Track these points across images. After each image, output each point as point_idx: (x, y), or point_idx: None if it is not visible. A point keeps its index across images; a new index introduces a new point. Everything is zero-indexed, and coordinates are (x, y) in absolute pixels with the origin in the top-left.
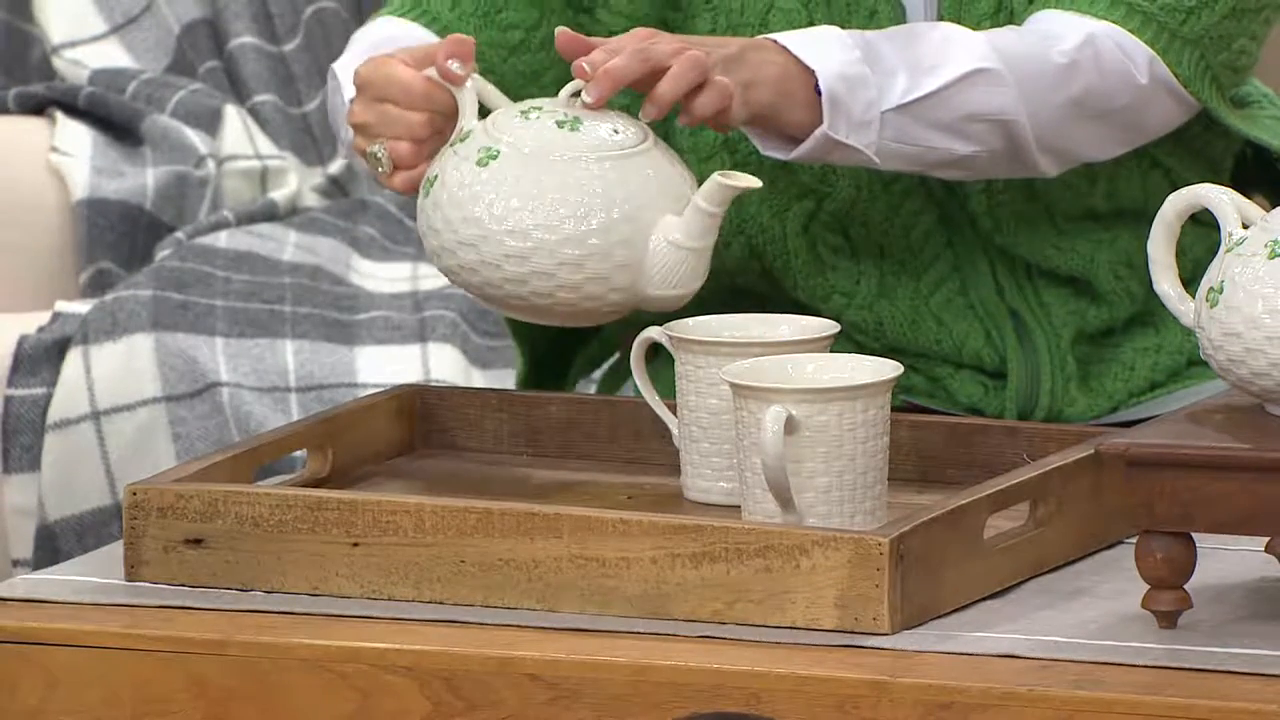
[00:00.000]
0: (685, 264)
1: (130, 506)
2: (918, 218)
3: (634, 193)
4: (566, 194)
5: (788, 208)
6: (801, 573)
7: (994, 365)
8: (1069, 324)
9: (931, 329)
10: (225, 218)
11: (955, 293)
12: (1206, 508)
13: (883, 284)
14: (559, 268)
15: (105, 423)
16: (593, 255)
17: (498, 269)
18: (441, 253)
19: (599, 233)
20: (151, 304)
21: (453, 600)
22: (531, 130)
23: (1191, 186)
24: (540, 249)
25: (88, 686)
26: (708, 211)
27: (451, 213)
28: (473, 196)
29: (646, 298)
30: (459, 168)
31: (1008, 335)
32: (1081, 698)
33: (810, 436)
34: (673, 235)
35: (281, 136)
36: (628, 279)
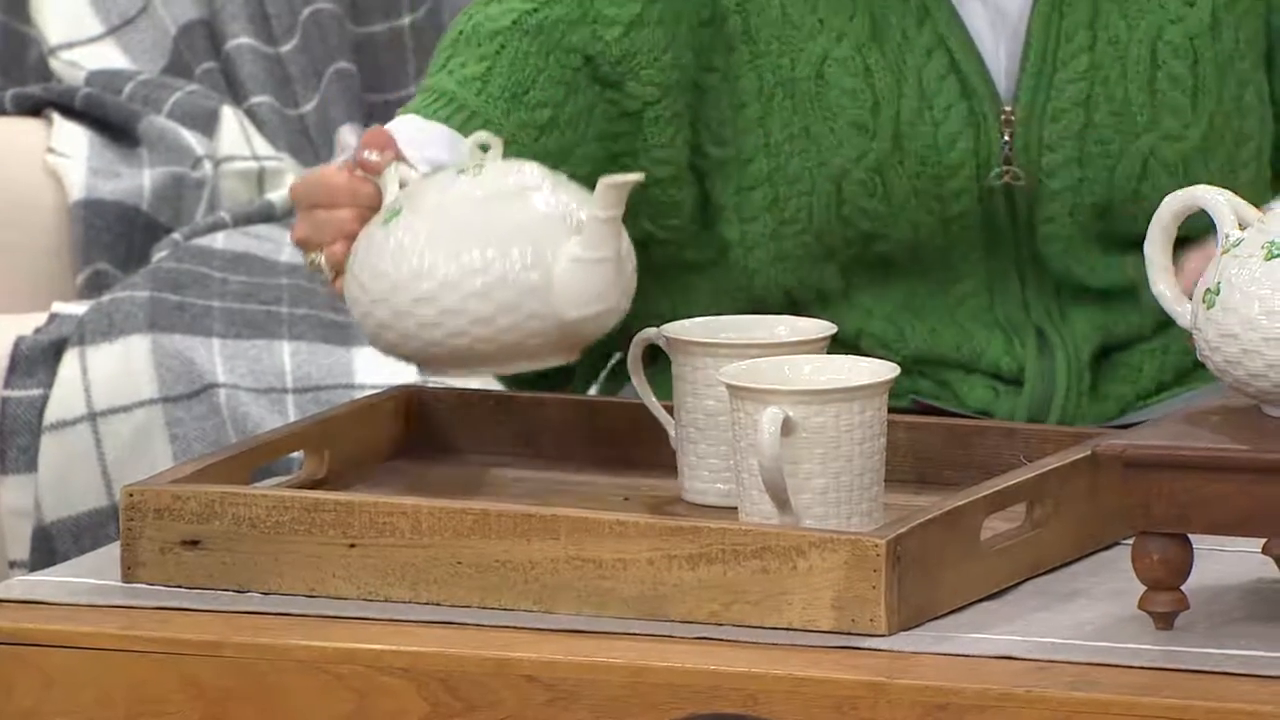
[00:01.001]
0: (595, 277)
1: (127, 508)
2: (965, 247)
3: (532, 221)
4: (464, 229)
5: (833, 253)
6: (798, 574)
7: (1009, 372)
8: (1092, 339)
9: (952, 339)
10: (222, 219)
11: (982, 308)
12: (1203, 509)
13: (910, 299)
14: (466, 301)
15: (102, 424)
16: (497, 283)
17: (410, 317)
18: (364, 320)
19: (499, 260)
20: (148, 305)
21: (450, 601)
22: (434, 183)
23: (1189, 188)
24: (445, 286)
25: (84, 688)
26: (603, 218)
27: (362, 275)
28: (379, 253)
29: (568, 322)
30: (368, 233)
31: (1029, 347)
32: (1078, 699)
33: (807, 438)
34: (574, 252)
35: (278, 137)
36: (539, 304)
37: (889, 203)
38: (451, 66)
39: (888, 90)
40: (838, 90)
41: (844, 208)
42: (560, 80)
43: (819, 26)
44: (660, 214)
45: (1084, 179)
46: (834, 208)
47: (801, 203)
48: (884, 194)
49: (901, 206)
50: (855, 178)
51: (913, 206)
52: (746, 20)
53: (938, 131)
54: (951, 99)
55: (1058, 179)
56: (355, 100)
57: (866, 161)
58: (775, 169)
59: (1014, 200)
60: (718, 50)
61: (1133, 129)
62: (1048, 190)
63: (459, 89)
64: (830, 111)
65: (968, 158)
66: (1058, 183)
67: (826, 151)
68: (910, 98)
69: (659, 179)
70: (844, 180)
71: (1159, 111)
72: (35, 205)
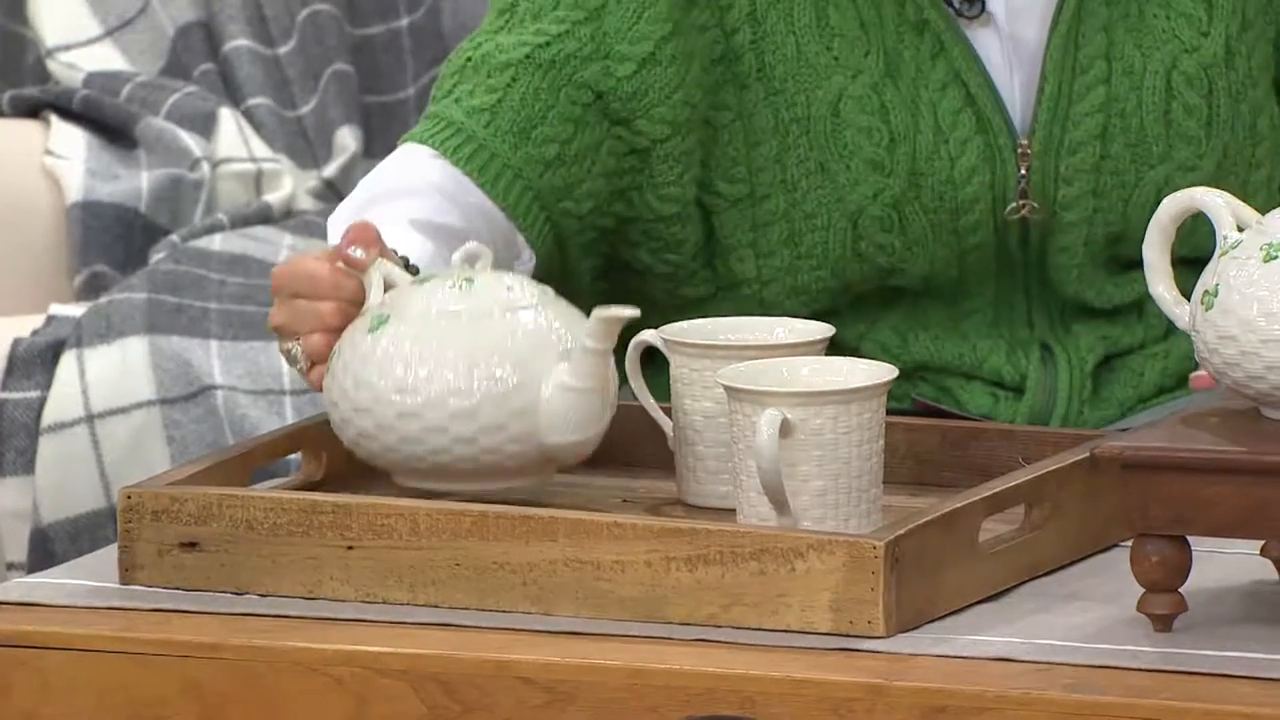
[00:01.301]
0: (580, 406)
1: (125, 510)
2: (978, 277)
3: (521, 342)
4: (452, 346)
5: (849, 288)
6: (796, 576)
7: (1011, 381)
8: (1096, 350)
9: (955, 348)
10: (220, 221)
11: (986, 323)
12: (1202, 511)
13: (914, 311)
14: (451, 420)
15: (99, 426)
16: (484, 404)
17: (393, 430)
18: (343, 425)
19: (487, 381)
20: (146, 307)
21: (448, 603)
22: (423, 294)
23: (1186, 190)
24: (430, 403)
25: (81, 690)
26: (595, 350)
27: (346, 381)
28: (364, 362)
29: (547, 447)
30: (352, 338)
31: (1032, 359)
32: (1076, 701)
33: (805, 440)
34: (562, 379)
35: (276, 139)
36: (523, 427)
37: (906, 238)
38: (459, 94)
39: (903, 126)
40: (853, 129)
41: (861, 244)
42: (569, 117)
43: (834, 64)
44: (662, 249)
45: (1098, 210)
46: (850, 244)
47: (818, 238)
48: (901, 229)
49: (918, 241)
50: (872, 214)
51: (929, 241)
52: (761, 58)
53: (954, 166)
54: (967, 133)
55: (1073, 211)
56: (353, 102)
57: (883, 199)
58: (792, 205)
59: (1028, 232)
60: (730, 88)
61: (1148, 160)
62: (1062, 222)
63: (467, 119)
64: (846, 150)
65: (984, 192)
66: (1073, 215)
67: (843, 189)
68: (926, 133)
69: (663, 215)
70: (860, 217)
71: (1174, 142)
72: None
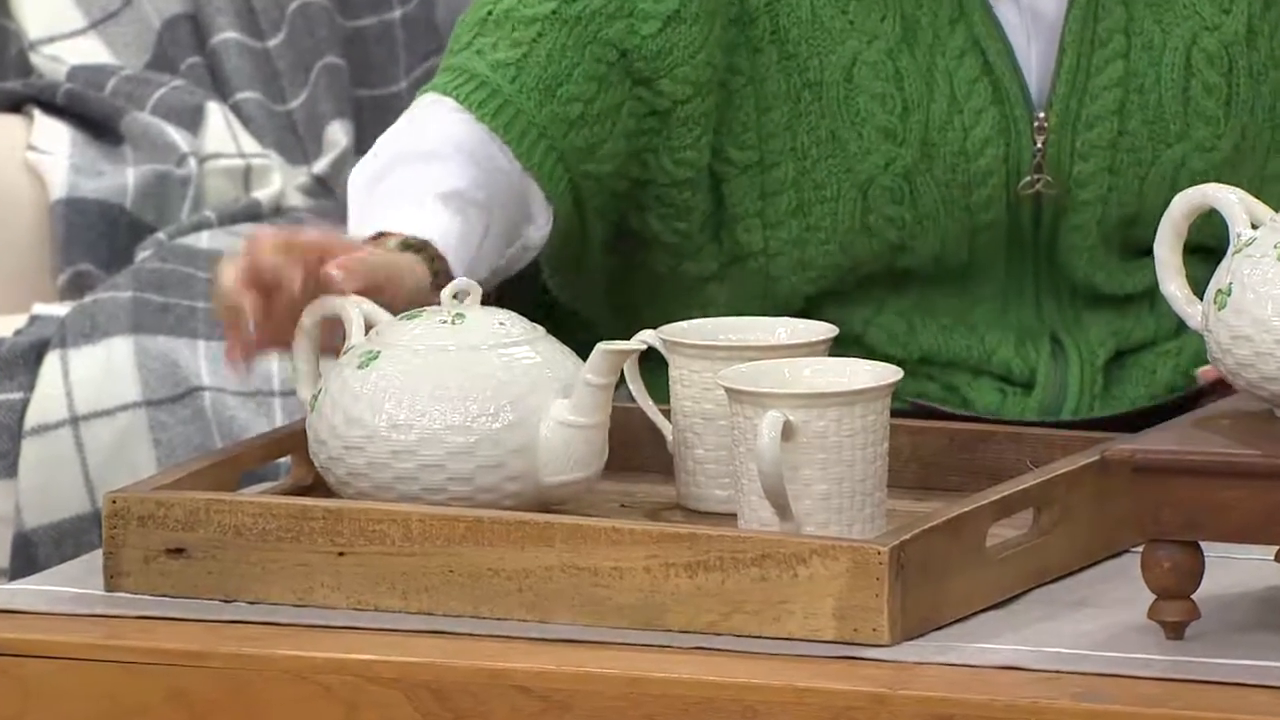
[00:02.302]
0: (579, 444)
1: (110, 515)
2: (988, 259)
3: (518, 378)
4: (449, 382)
5: (857, 265)
6: (799, 582)
7: (1020, 375)
8: (1107, 343)
9: (963, 339)
10: (207, 218)
11: (995, 311)
12: (1214, 515)
13: (923, 299)
14: (448, 458)
15: (84, 428)
16: (482, 442)
17: (387, 468)
18: (331, 465)
19: (485, 418)
20: (131, 306)
21: (441, 611)
22: (414, 329)
23: (1199, 186)
24: (427, 440)
25: (65, 699)
26: (596, 385)
27: (335, 419)
28: (354, 398)
29: (545, 486)
30: (341, 374)
31: (1042, 352)
32: (1086, 711)
33: (808, 442)
34: (563, 415)
35: (265, 134)
36: (521, 465)
37: (916, 211)
38: (480, 47)
39: (917, 94)
40: (866, 95)
41: (870, 216)
42: (593, 75)
43: (849, 28)
44: (672, 216)
45: (1113, 189)
46: (860, 216)
47: (826, 210)
48: (911, 202)
49: (929, 215)
50: (882, 184)
51: (940, 216)
52: (776, 21)
53: (968, 137)
54: (983, 103)
55: (1088, 189)
56: (344, 95)
57: (894, 169)
58: (801, 174)
59: (1040, 210)
60: (743, 51)
61: (1165, 138)
62: (1077, 200)
63: (491, 73)
64: (859, 117)
65: (998, 165)
66: (1087, 193)
67: (854, 158)
68: (940, 102)
69: (677, 180)
70: (871, 188)
71: (1192, 120)
72: (15, 204)
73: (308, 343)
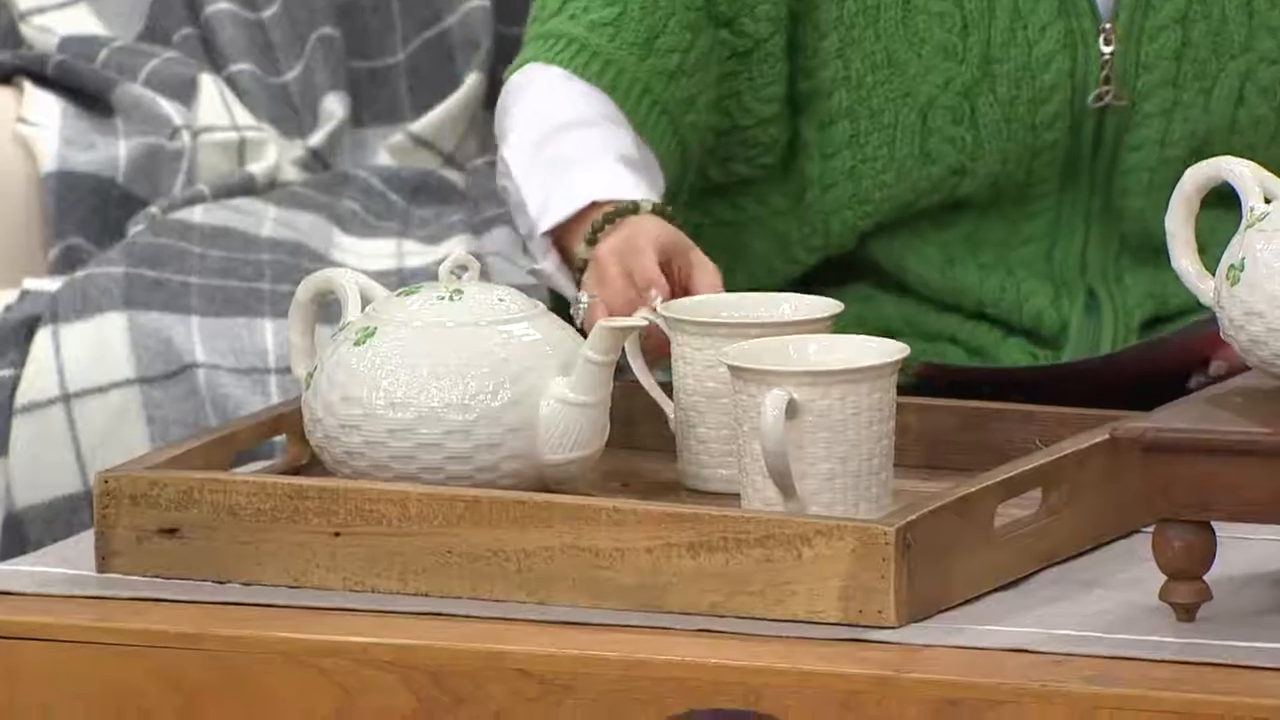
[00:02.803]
0: (581, 422)
1: (102, 494)
2: (1042, 187)
3: (518, 355)
4: (446, 360)
5: (914, 197)
6: (803, 563)
7: (1051, 330)
8: (1144, 305)
9: (999, 281)
10: (201, 192)
11: (1039, 257)
12: (1227, 495)
13: (972, 233)
14: (446, 437)
15: (76, 406)
16: (480, 420)
17: (384, 447)
18: (326, 444)
19: (484, 396)
20: (124, 281)
21: (439, 592)
22: (411, 305)
23: (1212, 159)
24: (425, 418)
25: (56, 682)
26: (597, 362)
27: (331, 396)
28: (351, 375)
29: (545, 465)
30: (337, 351)
31: (1076, 305)
32: (1096, 694)
33: (813, 421)
34: (563, 393)
35: (259, 107)
36: (520, 444)
37: (977, 132)
38: (572, 11)
39: (978, 11)
40: (924, 14)
41: (930, 141)
42: (686, 24)
43: None
44: (759, 154)
45: (1178, 103)
46: (919, 143)
47: (884, 138)
48: (972, 122)
49: (991, 136)
50: (943, 105)
51: (1002, 137)
52: None
53: (1032, 52)
54: (1048, 17)
55: (1152, 101)
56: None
57: (954, 88)
58: (857, 102)
59: (1102, 129)
60: None
61: (1229, 49)
62: (1141, 114)
63: (589, 34)
64: (917, 37)
65: (1063, 80)
66: (1152, 105)
67: (912, 80)
68: (1002, 17)
69: (763, 119)
70: (931, 109)
71: (1255, 32)
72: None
73: (303, 318)
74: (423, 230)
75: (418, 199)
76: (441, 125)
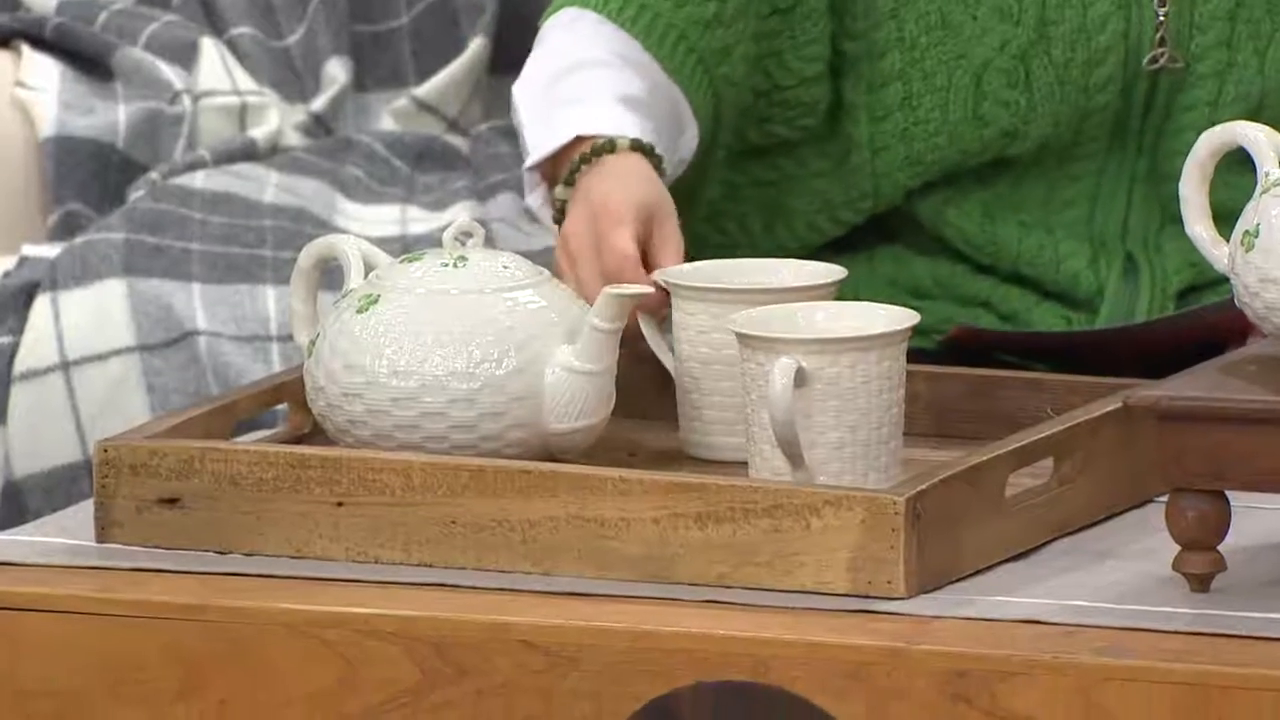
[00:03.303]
0: (587, 391)
1: (101, 464)
2: (1089, 149)
3: (523, 322)
4: (450, 327)
5: (965, 158)
6: (812, 534)
7: (1087, 292)
8: (1183, 273)
9: (1037, 240)
10: (202, 157)
11: (1080, 220)
12: (1241, 464)
13: (1013, 191)
14: (450, 405)
15: (75, 373)
16: (484, 389)
17: (387, 415)
18: (329, 412)
19: (489, 364)
20: (124, 248)
21: (443, 563)
22: (414, 272)
23: (1227, 124)
24: (428, 387)
25: (56, 654)
26: (604, 329)
27: (334, 364)
28: (353, 343)
29: (550, 434)
30: (340, 318)
31: (1114, 269)
32: (1108, 665)
33: (821, 390)
34: (569, 361)
35: (261, 71)
36: (525, 413)
37: (1031, 95)
38: None
39: None
40: None
41: (983, 104)
42: None
43: None
44: (799, 115)
45: (1232, 64)
46: (972, 105)
47: (936, 100)
48: (1026, 85)
49: (1044, 99)
50: (998, 68)
51: (1055, 100)
52: None
53: (1087, 14)
54: None
55: (1205, 62)
56: (343, 31)
57: (1010, 50)
58: (910, 64)
59: (1155, 92)
60: None
61: None
62: (1194, 75)
63: None
64: None
65: (1118, 41)
66: (1205, 67)
67: (966, 42)
68: None
69: (805, 78)
70: (985, 72)
71: None
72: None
73: (305, 285)
74: (427, 196)
75: (422, 165)
76: (446, 90)
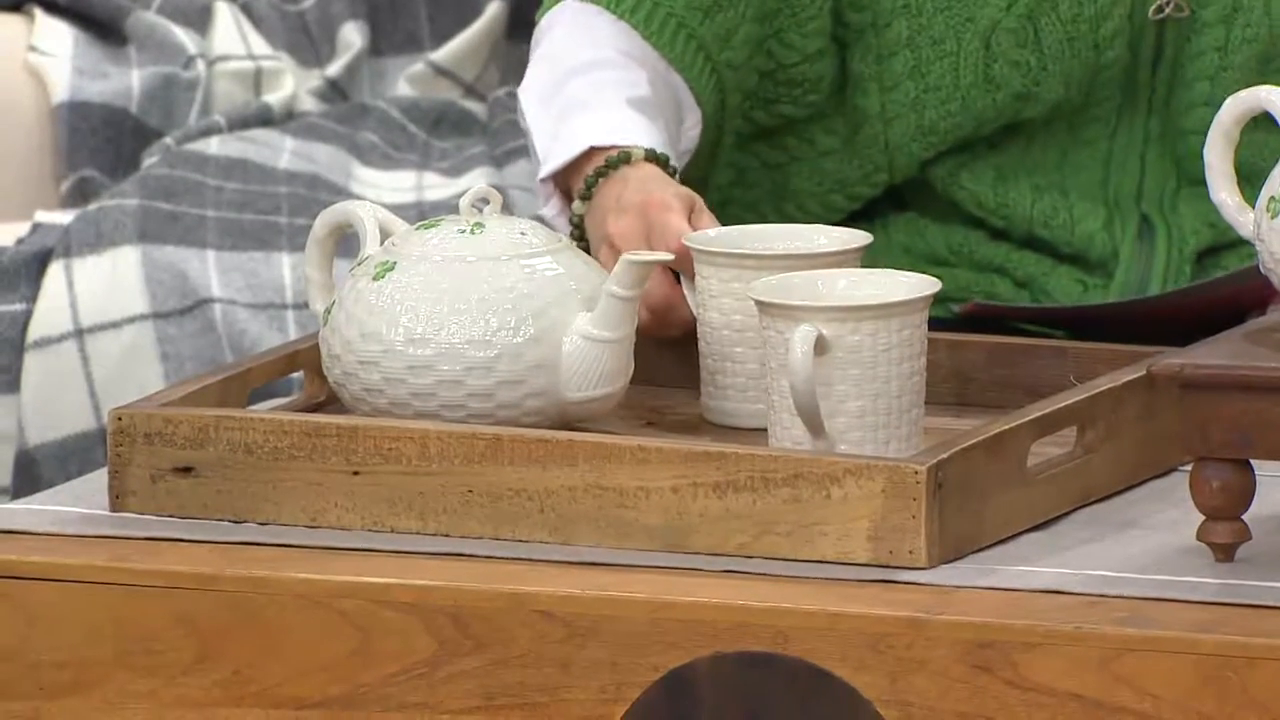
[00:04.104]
0: (605, 359)
1: (115, 432)
2: (1102, 109)
3: (541, 289)
4: (467, 295)
5: (979, 124)
6: (832, 503)
7: (1101, 255)
8: (1201, 233)
9: (1052, 202)
10: (216, 122)
11: (1095, 183)
12: (1266, 432)
13: (1026, 154)
14: (467, 374)
15: (89, 341)
16: (502, 356)
17: (403, 384)
18: (345, 380)
19: (506, 332)
20: (138, 214)
21: (460, 533)
22: (431, 239)
23: (1251, 89)
24: (445, 355)
25: (70, 624)
26: (622, 297)
27: (349, 332)
28: (369, 311)
29: (568, 402)
30: (355, 286)
31: (1129, 230)
32: (1131, 636)
33: (842, 358)
34: (586, 329)
35: (276, 35)
36: (543, 381)
37: (1041, 54)
38: None
39: None
40: None
41: (994, 67)
42: None
43: None
44: (805, 91)
45: (1238, 8)
46: (982, 69)
47: (946, 66)
48: (1036, 44)
49: (1055, 58)
50: (1006, 28)
51: (1065, 58)
52: None
53: None
54: None
55: (1211, 9)
56: None
57: (1017, 9)
58: (917, 31)
59: (1163, 44)
60: None
61: None
62: (1200, 21)
63: None
64: None
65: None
66: (1210, 13)
67: (973, 4)
68: None
69: (809, 54)
70: (994, 33)
71: None
72: (16, 107)
73: (320, 252)
74: (443, 162)
75: (438, 130)
76: (462, 55)
